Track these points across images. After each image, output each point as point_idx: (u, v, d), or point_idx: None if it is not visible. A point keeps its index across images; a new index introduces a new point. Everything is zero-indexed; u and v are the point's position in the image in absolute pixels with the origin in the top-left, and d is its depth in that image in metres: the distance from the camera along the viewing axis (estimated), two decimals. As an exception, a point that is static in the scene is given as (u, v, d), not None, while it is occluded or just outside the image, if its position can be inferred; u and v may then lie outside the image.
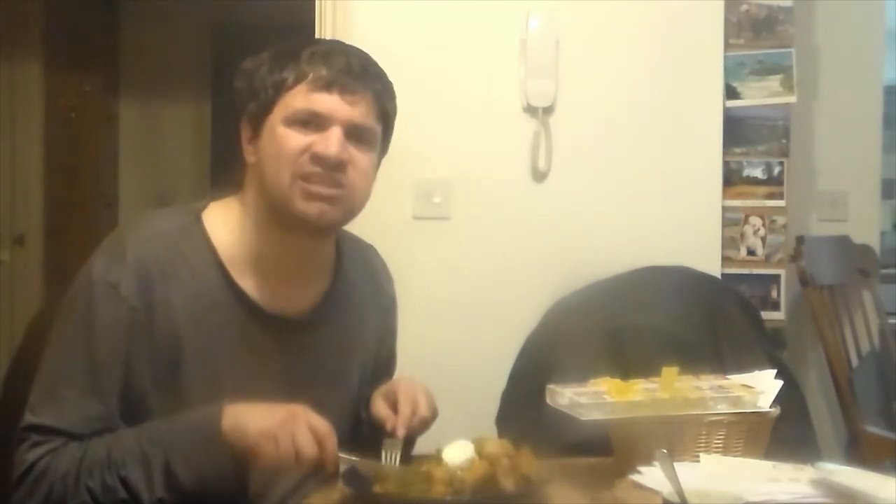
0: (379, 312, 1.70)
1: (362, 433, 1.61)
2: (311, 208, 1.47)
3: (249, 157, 1.51)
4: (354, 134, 1.49)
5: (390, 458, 1.47)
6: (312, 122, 1.46)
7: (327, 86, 1.47)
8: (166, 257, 1.46)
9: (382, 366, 1.72)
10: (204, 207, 1.54)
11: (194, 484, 1.36)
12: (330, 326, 1.58)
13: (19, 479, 1.39)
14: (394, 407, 1.54)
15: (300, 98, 1.46)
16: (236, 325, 1.48)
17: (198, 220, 1.52)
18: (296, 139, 1.46)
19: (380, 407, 1.57)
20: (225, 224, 1.52)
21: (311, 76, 1.47)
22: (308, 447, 1.33)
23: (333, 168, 1.46)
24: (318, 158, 1.46)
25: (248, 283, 1.50)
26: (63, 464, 1.38)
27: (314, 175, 1.46)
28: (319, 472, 1.52)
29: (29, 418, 1.41)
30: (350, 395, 1.62)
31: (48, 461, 1.38)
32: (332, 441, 1.36)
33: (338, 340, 1.59)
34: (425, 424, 1.54)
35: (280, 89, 1.47)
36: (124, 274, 1.43)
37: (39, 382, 1.43)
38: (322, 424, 1.36)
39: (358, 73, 1.50)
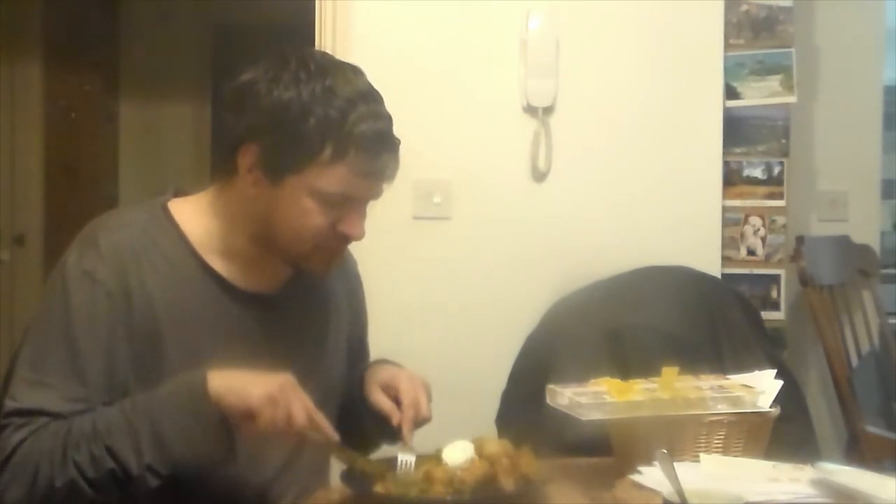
0: (346, 291, 1.71)
1: (357, 410, 1.61)
2: (323, 269, 1.54)
3: (250, 189, 1.46)
4: None
5: (405, 465, 1.47)
6: (340, 200, 1.45)
7: (367, 174, 1.45)
8: (138, 243, 1.47)
9: (356, 347, 1.73)
10: (167, 200, 1.56)
11: (183, 448, 1.36)
12: (301, 302, 1.59)
13: (3, 464, 1.38)
14: (395, 400, 1.55)
15: (337, 180, 1.43)
16: (212, 303, 1.50)
17: (164, 210, 1.53)
18: (322, 216, 1.45)
19: (381, 399, 1.57)
20: (193, 215, 1.53)
21: (354, 162, 1.42)
22: (301, 415, 1.35)
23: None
24: (345, 238, 1.49)
25: (218, 265, 1.52)
26: (47, 441, 1.37)
27: (337, 248, 1.51)
28: (307, 447, 1.53)
29: (10, 404, 1.41)
30: (330, 373, 1.62)
31: (32, 441, 1.38)
32: (319, 415, 1.38)
33: (310, 316, 1.61)
34: (425, 423, 1.55)
35: (316, 155, 1.41)
36: (99, 261, 1.44)
37: (20, 371, 1.43)
38: (307, 398, 1.38)
39: (396, 159, 1.49)
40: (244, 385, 1.36)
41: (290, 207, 1.45)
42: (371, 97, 1.47)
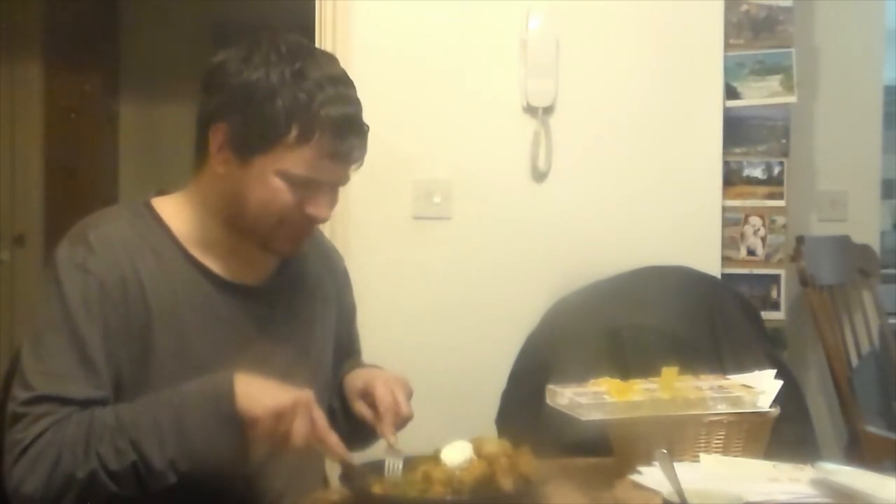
0: (334, 286, 1.72)
1: (338, 424, 1.62)
2: (290, 249, 1.54)
3: (219, 167, 1.48)
4: None
5: (393, 468, 1.47)
6: (307, 182, 1.46)
7: (333, 156, 1.45)
8: (127, 236, 1.49)
9: (344, 341, 1.74)
10: (149, 198, 1.57)
11: (205, 446, 1.37)
12: (288, 295, 1.60)
13: (21, 453, 1.38)
14: (374, 406, 1.55)
15: (303, 162, 1.43)
16: (199, 294, 1.51)
17: (148, 207, 1.55)
18: (288, 196, 1.46)
19: (361, 409, 1.58)
20: (175, 210, 1.55)
21: (320, 144, 1.43)
22: (301, 435, 1.35)
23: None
24: (311, 219, 1.49)
25: (204, 257, 1.53)
26: (69, 433, 1.37)
27: (302, 228, 1.51)
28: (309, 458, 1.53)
29: (25, 394, 1.40)
30: (318, 365, 1.63)
31: (54, 432, 1.38)
32: (330, 434, 1.38)
33: (297, 308, 1.61)
34: (408, 421, 1.55)
35: (283, 136, 1.42)
36: (89, 254, 1.45)
37: (29, 364, 1.42)
38: (321, 416, 1.38)
39: (364, 143, 1.49)
40: (260, 393, 1.37)
41: (258, 187, 1.46)
42: (340, 81, 1.48)
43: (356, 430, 1.59)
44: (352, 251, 2.54)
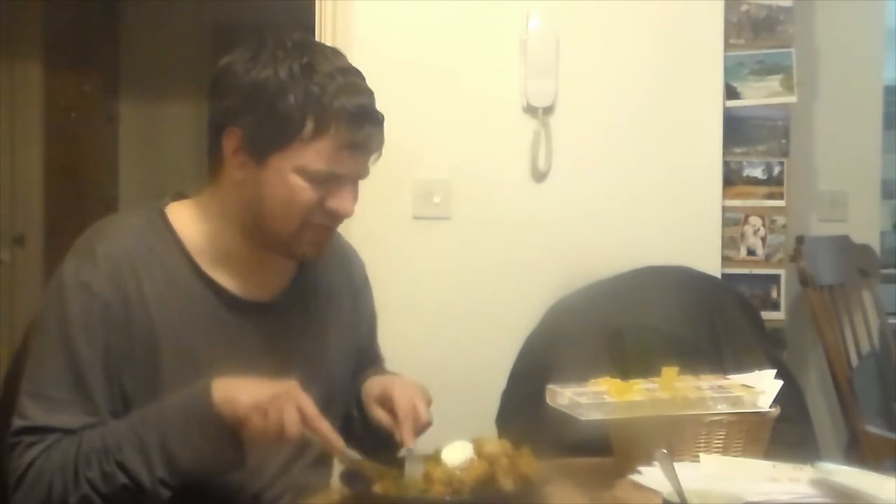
0: (352, 295, 1.69)
1: (356, 432, 1.61)
2: (313, 251, 1.51)
3: (236, 173, 1.46)
4: None
5: (411, 472, 1.45)
6: (326, 177, 1.44)
7: (350, 147, 1.43)
8: (135, 250, 1.46)
9: (364, 352, 1.72)
10: (165, 204, 1.55)
11: (192, 460, 1.36)
12: (301, 309, 1.58)
13: (17, 482, 1.38)
14: (392, 412, 1.53)
15: (321, 156, 1.41)
16: (209, 311, 1.49)
17: (162, 216, 1.52)
18: (310, 193, 1.43)
19: (379, 414, 1.56)
20: (189, 220, 1.52)
21: (337, 136, 1.41)
22: (293, 425, 1.33)
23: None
24: (334, 215, 1.47)
25: (215, 272, 1.50)
26: (59, 458, 1.37)
27: (324, 226, 1.49)
28: (306, 451, 1.53)
29: (18, 422, 1.41)
30: (332, 380, 1.61)
31: (43, 459, 1.38)
32: (321, 421, 1.36)
33: (311, 322, 1.59)
34: (427, 428, 1.54)
35: (298, 131, 1.41)
36: (95, 270, 1.43)
37: (25, 387, 1.43)
38: (310, 405, 1.36)
39: (381, 132, 1.47)
40: (237, 393, 1.35)
41: (277, 186, 1.44)
42: (350, 72, 1.46)
43: (374, 438, 1.57)
44: (356, 252, 2.54)
